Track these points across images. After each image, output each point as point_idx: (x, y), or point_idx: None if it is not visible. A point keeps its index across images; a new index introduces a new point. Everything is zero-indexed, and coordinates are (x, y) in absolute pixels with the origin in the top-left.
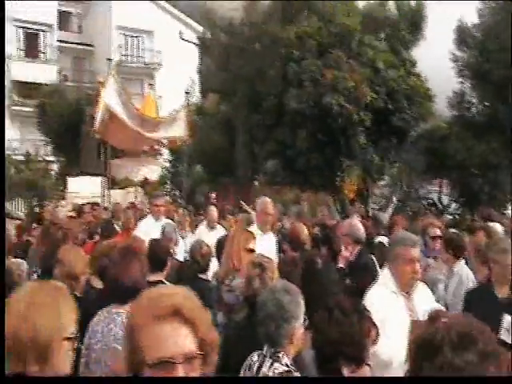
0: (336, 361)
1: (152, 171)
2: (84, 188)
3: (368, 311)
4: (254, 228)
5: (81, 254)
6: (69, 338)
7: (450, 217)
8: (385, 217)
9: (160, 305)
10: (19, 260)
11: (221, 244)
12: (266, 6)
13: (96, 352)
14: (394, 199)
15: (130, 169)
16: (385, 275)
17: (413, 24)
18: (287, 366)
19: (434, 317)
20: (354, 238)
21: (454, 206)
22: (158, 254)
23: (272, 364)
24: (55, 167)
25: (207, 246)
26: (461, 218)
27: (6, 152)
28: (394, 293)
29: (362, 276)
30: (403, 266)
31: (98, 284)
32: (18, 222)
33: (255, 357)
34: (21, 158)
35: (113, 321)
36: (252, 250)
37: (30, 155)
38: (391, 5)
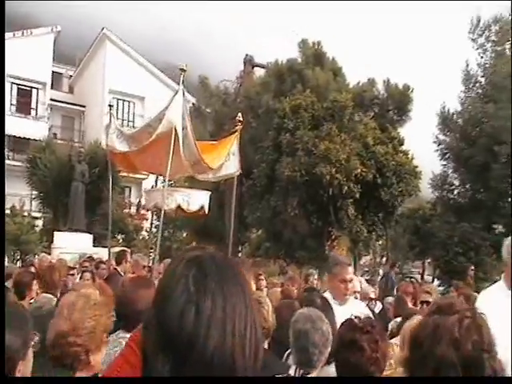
0: None
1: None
2: (71, 244)
3: None
4: None
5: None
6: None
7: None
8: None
9: None
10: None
11: None
12: (260, 78)
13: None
14: (381, 272)
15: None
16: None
17: (400, 105)
18: None
19: None
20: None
21: (435, 283)
22: None
23: None
24: (40, 222)
25: None
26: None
27: None
28: None
29: None
30: None
31: None
32: None
33: None
34: (6, 211)
35: (119, 344)
36: None
37: (15, 209)
38: (380, 85)
